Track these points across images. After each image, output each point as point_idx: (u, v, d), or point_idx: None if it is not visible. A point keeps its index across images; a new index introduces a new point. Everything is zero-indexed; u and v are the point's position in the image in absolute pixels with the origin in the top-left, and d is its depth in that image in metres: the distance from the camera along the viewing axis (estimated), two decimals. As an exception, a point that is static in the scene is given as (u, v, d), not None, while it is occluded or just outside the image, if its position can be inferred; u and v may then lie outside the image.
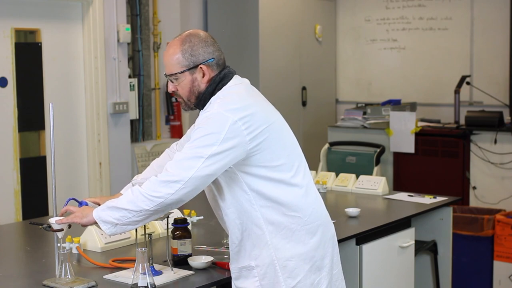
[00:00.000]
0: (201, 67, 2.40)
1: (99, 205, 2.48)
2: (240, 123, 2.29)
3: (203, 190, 2.42)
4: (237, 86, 2.44)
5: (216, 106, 2.34)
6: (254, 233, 2.38)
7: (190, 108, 2.48)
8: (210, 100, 2.41)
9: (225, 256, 2.76)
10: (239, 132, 2.29)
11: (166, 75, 2.45)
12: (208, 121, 2.31)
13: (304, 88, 6.64)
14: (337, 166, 5.61)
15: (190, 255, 2.70)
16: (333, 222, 2.59)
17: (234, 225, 2.41)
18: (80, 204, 2.57)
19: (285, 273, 2.39)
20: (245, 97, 2.39)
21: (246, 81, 2.51)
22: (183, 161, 2.27)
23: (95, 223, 2.36)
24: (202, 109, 2.43)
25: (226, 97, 2.37)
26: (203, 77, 2.41)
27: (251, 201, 2.36)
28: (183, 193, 2.27)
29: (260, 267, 2.39)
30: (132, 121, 5.55)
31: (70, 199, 2.58)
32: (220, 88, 2.42)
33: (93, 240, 2.91)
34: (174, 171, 2.27)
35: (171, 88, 2.46)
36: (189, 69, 2.40)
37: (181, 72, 2.40)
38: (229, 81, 2.44)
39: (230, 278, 2.55)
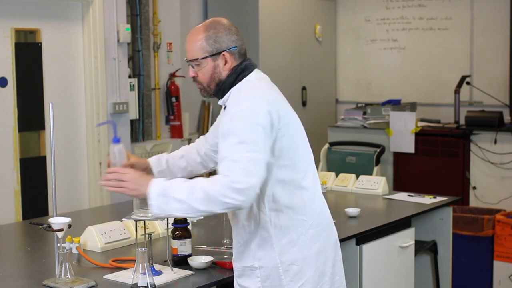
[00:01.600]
0: (224, 55, 2.40)
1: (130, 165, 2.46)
2: (269, 117, 2.29)
3: None
4: (260, 81, 2.44)
5: (244, 99, 2.33)
6: (261, 235, 2.38)
7: (209, 95, 2.47)
8: (231, 91, 2.41)
9: (225, 256, 2.76)
10: (270, 125, 2.28)
11: (187, 60, 2.44)
12: (242, 114, 2.28)
13: (304, 88, 6.64)
14: (337, 166, 5.61)
15: (190, 255, 2.70)
16: (333, 222, 2.58)
17: (241, 225, 2.40)
18: (117, 140, 2.45)
19: (287, 277, 2.38)
20: (270, 92, 2.40)
21: (266, 77, 2.51)
22: (245, 167, 2.21)
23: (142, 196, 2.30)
24: (221, 97, 2.43)
25: (253, 90, 2.37)
26: (225, 64, 2.41)
27: (260, 204, 2.35)
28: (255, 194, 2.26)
29: (263, 269, 2.39)
30: (132, 121, 5.55)
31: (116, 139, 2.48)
32: (241, 79, 2.42)
33: (93, 240, 2.91)
34: (242, 179, 2.20)
35: (191, 73, 2.46)
36: (212, 55, 2.39)
37: (204, 58, 2.40)
38: (250, 73, 2.43)
39: (230, 278, 2.55)
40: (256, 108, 2.29)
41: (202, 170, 2.77)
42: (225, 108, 2.43)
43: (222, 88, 2.42)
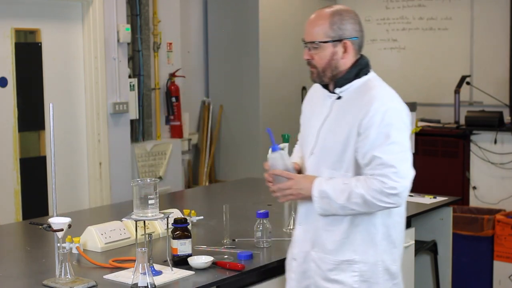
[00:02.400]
0: (345, 43, 2.38)
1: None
2: (408, 119, 2.36)
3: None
4: (381, 80, 2.45)
5: (390, 99, 2.36)
6: (368, 230, 2.37)
7: (321, 80, 2.44)
8: (353, 83, 2.40)
9: (225, 256, 2.76)
10: (408, 126, 2.35)
11: (305, 42, 2.41)
12: (393, 114, 2.32)
13: (304, 88, 6.63)
14: (337, 166, 5.60)
15: (190, 255, 2.69)
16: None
17: (347, 218, 2.37)
18: (274, 149, 2.48)
19: (385, 275, 2.39)
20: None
21: None
22: (398, 170, 2.27)
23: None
24: (339, 87, 2.41)
25: (390, 90, 2.41)
26: (344, 52, 2.39)
27: None
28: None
29: (363, 264, 2.37)
30: (132, 121, 5.55)
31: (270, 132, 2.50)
32: (365, 74, 2.42)
33: (93, 240, 2.90)
34: (396, 184, 2.26)
35: (306, 56, 2.43)
36: (333, 41, 2.37)
37: (324, 42, 2.37)
38: (370, 71, 2.45)
39: (230, 278, 2.55)
40: (403, 108, 2.35)
41: None
42: (338, 98, 2.42)
43: (343, 78, 2.40)
